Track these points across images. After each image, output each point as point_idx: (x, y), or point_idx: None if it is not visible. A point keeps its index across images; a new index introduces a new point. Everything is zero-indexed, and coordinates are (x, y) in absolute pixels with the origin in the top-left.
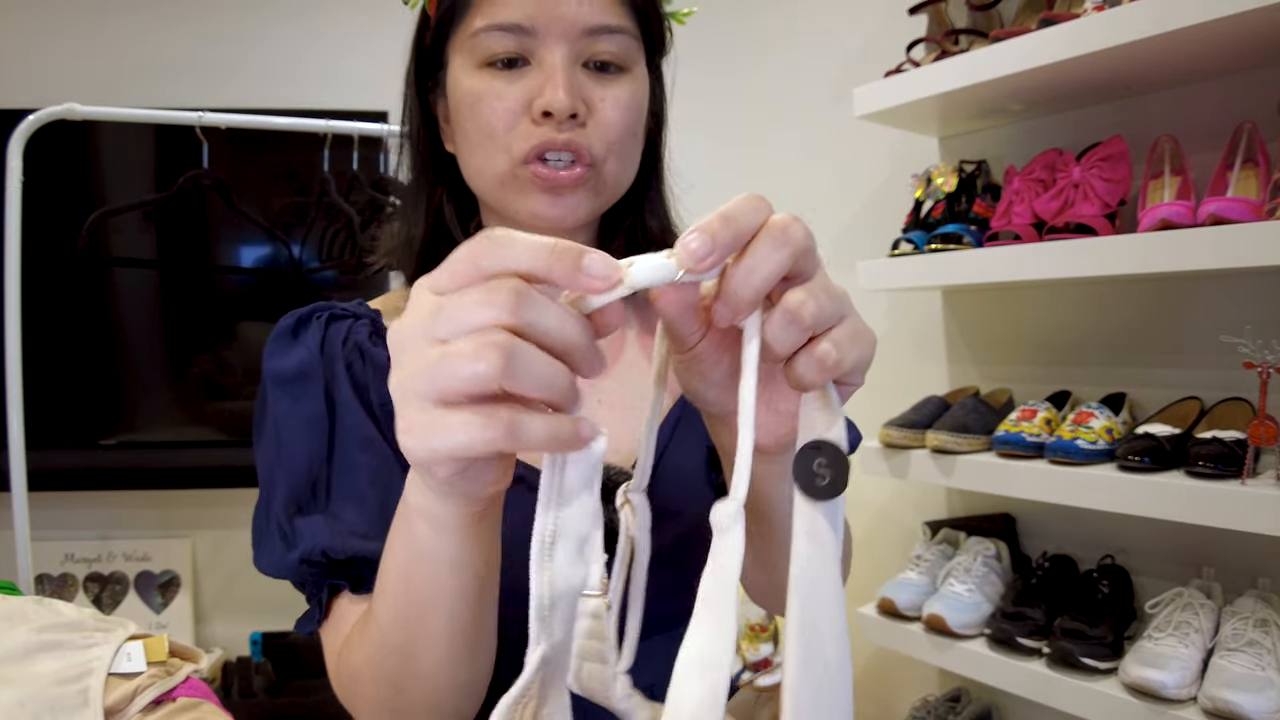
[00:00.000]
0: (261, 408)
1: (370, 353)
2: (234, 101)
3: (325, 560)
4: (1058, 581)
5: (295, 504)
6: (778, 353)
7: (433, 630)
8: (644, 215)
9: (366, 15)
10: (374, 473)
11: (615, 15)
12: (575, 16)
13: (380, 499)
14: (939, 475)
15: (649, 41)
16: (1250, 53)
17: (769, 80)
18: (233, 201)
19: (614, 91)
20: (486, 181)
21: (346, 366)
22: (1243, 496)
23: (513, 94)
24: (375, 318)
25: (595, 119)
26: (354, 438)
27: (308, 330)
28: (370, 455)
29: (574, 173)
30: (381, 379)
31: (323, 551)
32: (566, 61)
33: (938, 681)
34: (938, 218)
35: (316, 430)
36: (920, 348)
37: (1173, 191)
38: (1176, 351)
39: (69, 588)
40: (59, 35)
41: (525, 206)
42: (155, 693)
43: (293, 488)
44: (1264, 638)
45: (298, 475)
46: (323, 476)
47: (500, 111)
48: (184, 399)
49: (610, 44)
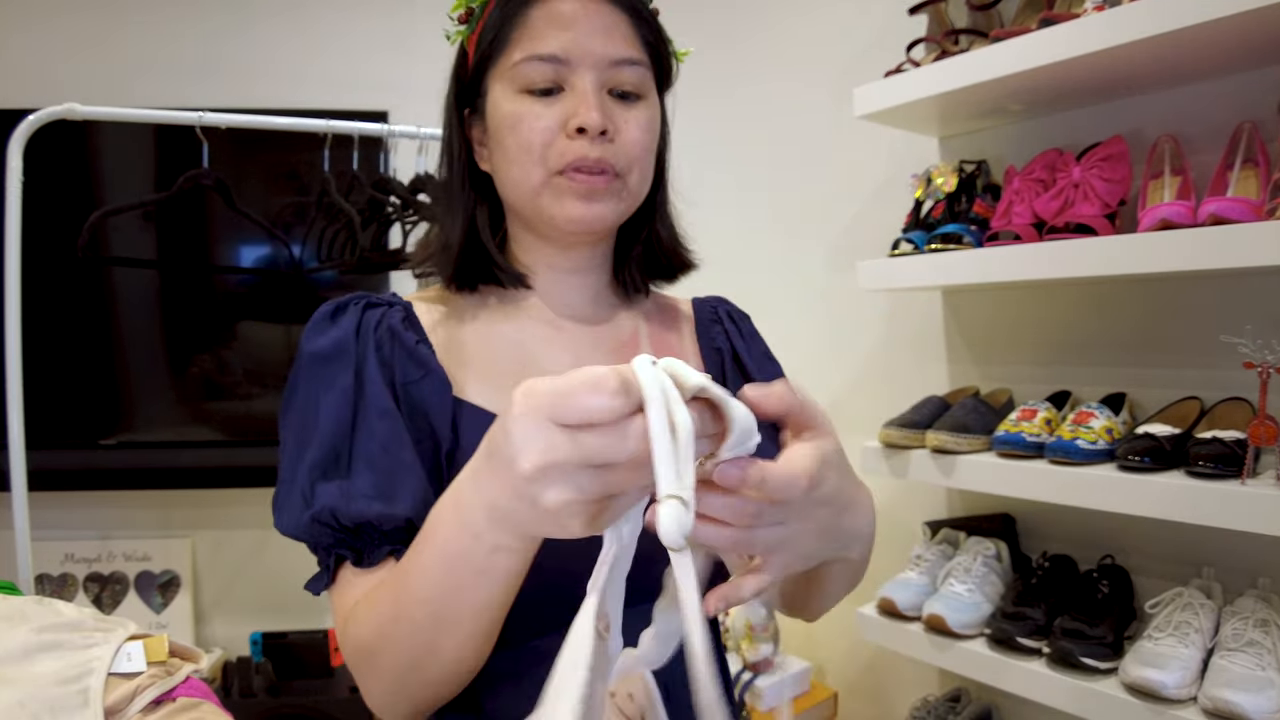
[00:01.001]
0: (294, 383)
1: (401, 336)
2: (234, 101)
3: (335, 522)
4: (1058, 581)
5: (320, 469)
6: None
7: (467, 629)
8: (655, 223)
9: (367, 16)
10: (386, 439)
11: (635, 50)
12: (603, 50)
13: (389, 465)
14: (939, 475)
15: (659, 74)
16: (1250, 53)
17: (769, 80)
18: (233, 201)
19: (635, 114)
20: (524, 192)
21: (377, 347)
22: (1243, 496)
23: (550, 115)
24: (408, 308)
25: (620, 137)
26: (374, 408)
27: (345, 315)
28: (386, 423)
29: (604, 180)
30: (408, 360)
31: (332, 512)
32: (596, 87)
33: (938, 681)
34: (938, 218)
35: (345, 403)
36: (920, 348)
37: (1173, 191)
38: (1176, 351)
39: (69, 588)
40: (59, 35)
41: (561, 211)
42: (155, 693)
43: (319, 453)
44: (1264, 638)
45: (325, 443)
46: (345, 445)
47: (539, 130)
48: (184, 399)
49: (631, 74)
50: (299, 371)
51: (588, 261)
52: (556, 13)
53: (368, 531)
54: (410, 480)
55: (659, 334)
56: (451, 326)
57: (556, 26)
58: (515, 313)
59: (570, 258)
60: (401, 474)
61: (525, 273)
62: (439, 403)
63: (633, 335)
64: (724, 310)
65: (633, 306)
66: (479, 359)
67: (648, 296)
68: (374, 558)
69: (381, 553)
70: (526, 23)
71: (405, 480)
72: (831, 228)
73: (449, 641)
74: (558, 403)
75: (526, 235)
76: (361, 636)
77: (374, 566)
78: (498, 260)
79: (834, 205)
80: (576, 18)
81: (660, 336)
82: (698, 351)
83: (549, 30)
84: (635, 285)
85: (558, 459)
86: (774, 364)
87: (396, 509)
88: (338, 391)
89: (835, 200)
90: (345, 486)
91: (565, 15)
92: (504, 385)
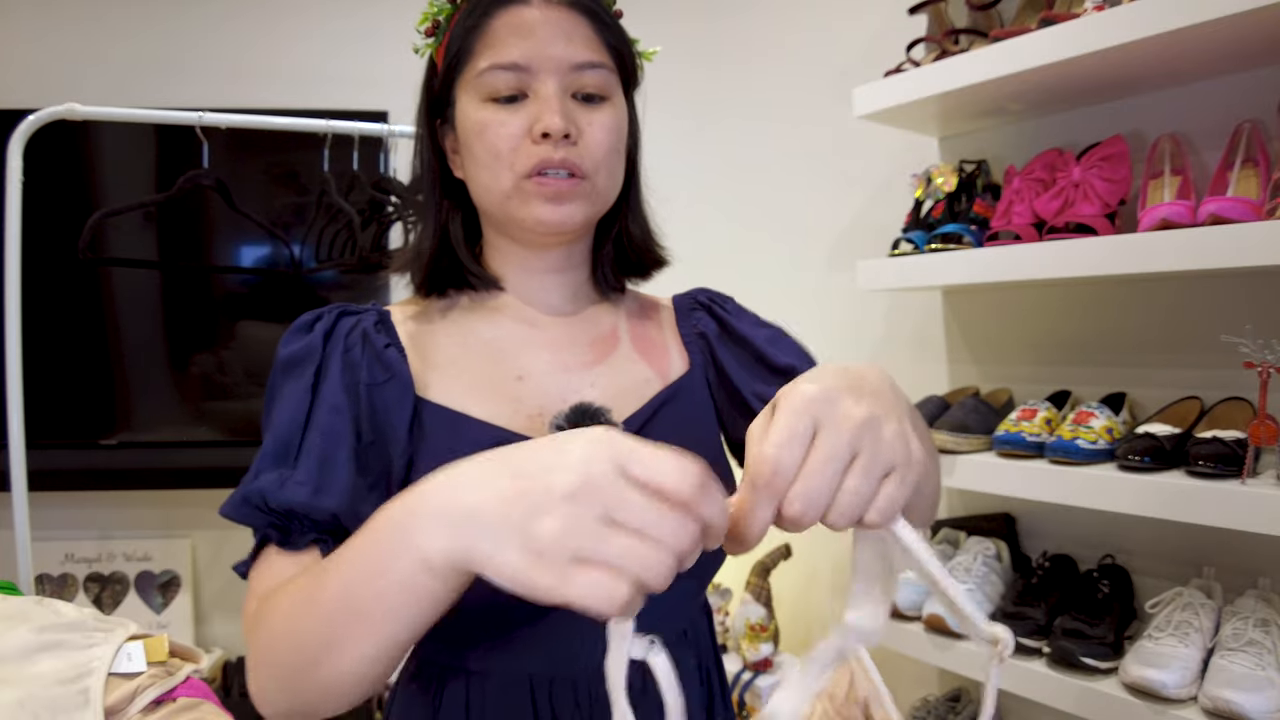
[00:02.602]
0: (269, 389)
1: (372, 339)
2: (234, 101)
3: (265, 505)
4: (1058, 581)
5: (270, 459)
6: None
7: (374, 633)
8: (627, 222)
9: (367, 15)
10: (327, 431)
11: (597, 53)
12: (564, 55)
13: (324, 455)
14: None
15: (624, 75)
16: (1250, 53)
17: (769, 80)
18: (233, 202)
19: (599, 116)
20: (494, 197)
21: (346, 350)
22: (1243, 496)
23: (515, 121)
24: (385, 315)
25: (585, 139)
26: (326, 403)
27: (319, 323)
28: (332, 418)
29: (569, 182)
30: (376, 362)
31: (262, 495)
32: (559, 92)
33: (938, 681)
34: (938, 217)
35: (302, 399)
36: (920, 348)
37: (1173, 191)
38: (1176, 351)
39: (69, 588)
40: (59, 35)
41: (530, 214)
42: (155, 693)
43: (272, 445)
44: (1264, 637)
45: (279, 436)
46: (297, 437)
47: (505, 136)
48: (184, 399)
49: (593, 77)
50: (273, 377)
51: (564, 261)
52: (517, 21)
53: (294, 517)
54: (341, 477)
55: (638, 328)
56: (426, 331)
57: (517, 35)
58: (491, 314)
59: (545, 258)
60: (335, 470)
61: (501, 276)
62: (400, 407)
63: (612, 330)
64: (704, 298)
65: (612, 304)
66: (453, 361)
67: (624, 294)
68: (299, 542)
69: (306, 539)
70: (489, 32)
71: (337, 476)
72: (831, 228)
73: (352, 643)
74: (637, 450)
75: (501, 239)
76: (270, 620)
77: (298, 551)
78: (468, 265)
79: (834, 205)
80: (537, 25)
81: (640, 331)
82: (679, 340)
83: (510, 39)
84: (610, 283)
85: (595, 487)
86: (768, 327)
87: (325, 501)
88: (299, 389)
89: (835, 200)
90: (284, 474)
91: (526, 23)
92: (477, 385)
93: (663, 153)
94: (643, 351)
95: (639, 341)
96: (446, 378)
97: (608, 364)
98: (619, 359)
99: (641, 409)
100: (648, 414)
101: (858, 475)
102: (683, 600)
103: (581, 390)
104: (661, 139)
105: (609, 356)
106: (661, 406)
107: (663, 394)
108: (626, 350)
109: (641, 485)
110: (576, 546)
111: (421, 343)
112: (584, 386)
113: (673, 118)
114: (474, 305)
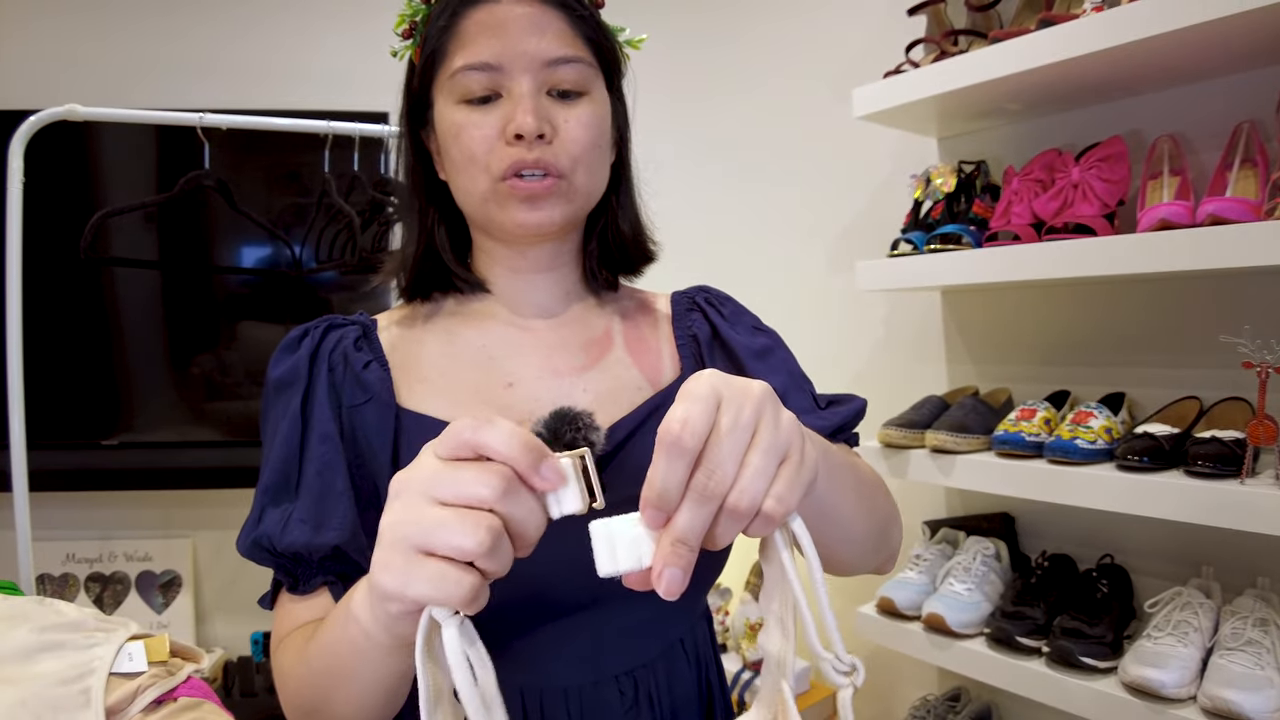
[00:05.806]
0: (262, 410)
1: (351, 359)
2: (235, 102)
3: (273, 549)
4: (1057, 581)
5: (271, 493)
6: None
7: (345, 696)
8: (616, 219)
9: (367, 16)
10: (322, 464)
11: (572, 47)
12: (536, 51)
13: (322, 489)
14: (938, 475)
15: (605, 67)
16: (1250, 53)
17: (769, 81)
18: (234, 202)
19: (576, 112)
20: (474, 199)
21: (330, 370)
22: (1242, 496)
23: (488, 123)
24: (369, 326)
25: (561, 137)
26: (317, 432)
27: (306, 340)
28: (325, 448)
29: (545, 184)
30: (355, 384)
31: (269, 539)
32: (532, 90)
33: (937, 681)
34: (937, 218)
35: (295, 428)
36: (919, 348)
37: (1172, 191)
38: (1176, 351)
39: (70, 588)
40: (60, 36)
41: (508, 217)
42: (156, 692)
43: (270, 478)
44: (1263, 637)
45: (276, 468)
46: (294, 469)
47: (479, 138)
48: (185, 399)
49: (569, 72)
50: (265, 398)
51: (551, 260)
52: (488, 19)
53: (301, 561)
54: (340, 507)
55: (633, 330)
56: (413, 340)
57: (488, 34)
58: (480, 319)
59: (531, 259)
60: (333, 500)
61: (490, 278)
62: (380, 427)
63: (605, 332)
64: (701, 298)
65: (606, 304)
66: (441, 371)
67: (618, 291)
68: (308, 586)
69: (315, 582)
70: (460, 33)
71: (336, 507)
72: (831, 228)
73: (340, 698)
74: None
75: (487, 240)
76: (280, 665)
77: (308, 595)
78: (454, 269)
79: (833, 205)
80: (508, 22)
81: (634, 333)
82: (673, 343)
83: (481, 38)
84: (601, 281)
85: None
86: (765, 334)
87: (325, 537)
88: (290, 418)
89: (835, 200)
90: (287, 511)
91: (497, 21)
92: (465, 394)
93: (663, 153)
94: (636, 355)
95: (633, 344)
96: (434, 388)
97: (600, 367)
98: (611, 362)
99: (629, 415)
100: (636, 421)
101: (758, 452)
102: (677, 609)
103: (573, 395)
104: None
105: (602, 359)
106: (650, 415)
107: (652, 400)
108: (619, 353)
109: (457, 460)
110: (405, 534)
111: (408, 352)
112: (575, 391)
113: (672, 117)
114: (462, 310)
